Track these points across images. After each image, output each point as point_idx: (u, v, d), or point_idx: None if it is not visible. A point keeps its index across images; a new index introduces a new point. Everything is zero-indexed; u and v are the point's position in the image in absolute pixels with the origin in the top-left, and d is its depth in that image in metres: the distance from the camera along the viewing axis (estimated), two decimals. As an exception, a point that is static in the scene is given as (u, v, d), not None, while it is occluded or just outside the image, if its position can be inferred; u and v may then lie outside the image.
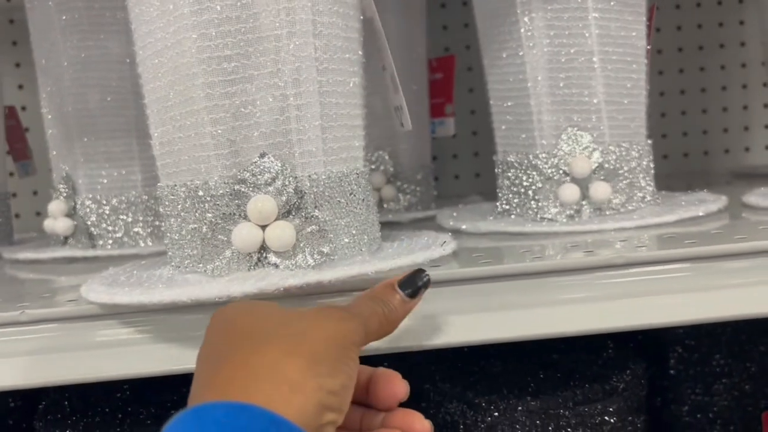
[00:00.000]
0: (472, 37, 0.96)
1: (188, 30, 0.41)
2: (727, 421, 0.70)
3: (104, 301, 0.40)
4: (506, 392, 0.49)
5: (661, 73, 1.03)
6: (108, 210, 0.66)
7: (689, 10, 1.02)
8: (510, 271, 0.42)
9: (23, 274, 0.62)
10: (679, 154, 1.06)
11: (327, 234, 0.42)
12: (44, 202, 0.69)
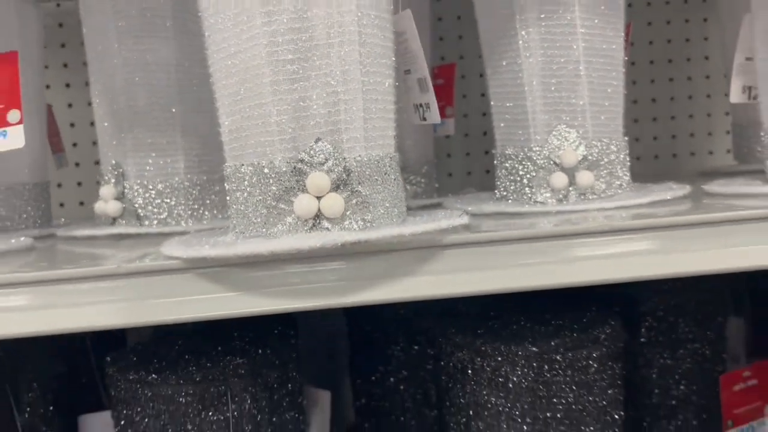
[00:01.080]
0: (466, 48, 1.07)
1: (259, 38, 0.50)
2: (690, 382, 0.81)
3: (192, 256, 0.50)
4: (508, 341, 0.59)
5: (635, 83, 1.15)
6: (154, 194, 0.75)
7: (660, 26, 1.14)
8: (511, 236, 0.52)
9: (83, 248, 0.70)
10: (650, 156, 1.18)
11: (368, 205, 0.51)
12: (71, 193, 0.77)
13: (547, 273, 0.51)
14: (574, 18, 0.65)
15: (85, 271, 0.51)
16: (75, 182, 1.09)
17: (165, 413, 0.58)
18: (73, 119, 1.03)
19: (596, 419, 0.59)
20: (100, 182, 0.78)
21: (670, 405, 0.81)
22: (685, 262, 0.52)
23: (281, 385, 0.62)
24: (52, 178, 0.92)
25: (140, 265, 0.51)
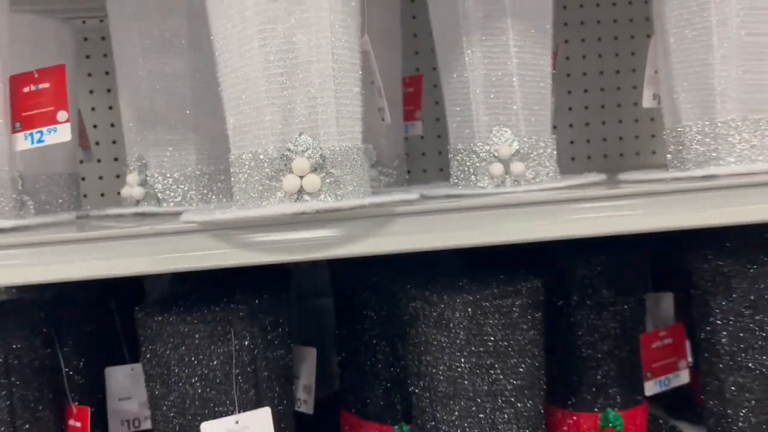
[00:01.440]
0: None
1: (257, 57, 0.67)
2: (614, 340, 0.97)
3: (204, 220, 0.66)
4: (450, 292, 0.75)
5: (586, 91, 1.32)
6: (171, 181, 0.92)
7: (592, 43, 1.30)
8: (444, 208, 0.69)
9: (114, 222, 0.86)
10: (600, 155, 1.35)
11: (339, 183, 0.68)
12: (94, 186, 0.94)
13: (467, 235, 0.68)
14: (508, 40, 0.82)
15: (124, 232, 0.67)
16: (96, 176, 1.25)
17: (182, 346, 0.74)
18: (96, 121, 1.19)
19: (519, 354, 0.75)
20: (126, 172, 0.94)
21: (597, 358, 0.97)
22: (563, 229, 0.69)
23: (273, 327, 0.78)
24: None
25: (166, 227, 0.67)
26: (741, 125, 0.77)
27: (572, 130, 1.31)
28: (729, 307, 0.79)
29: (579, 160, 1.32)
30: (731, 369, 0.80)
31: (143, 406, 1.01)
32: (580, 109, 1.31)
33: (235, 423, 0.75)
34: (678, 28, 0.81)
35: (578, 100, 1.31)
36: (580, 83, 1.31)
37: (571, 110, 1.31)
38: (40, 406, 0.82)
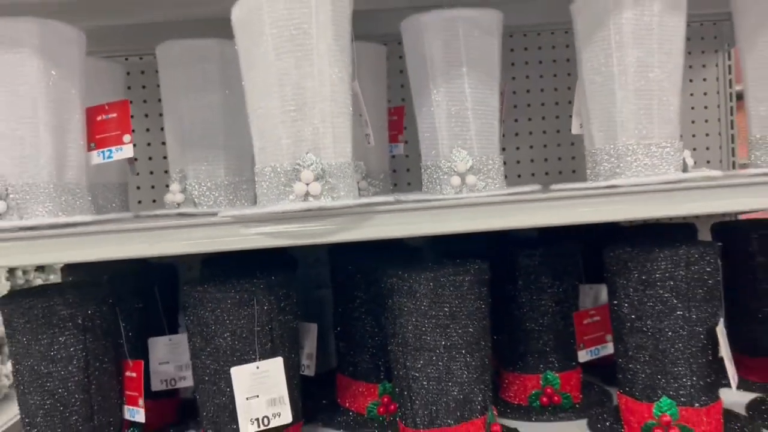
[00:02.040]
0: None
1: (275, 97, 0.93)
2: (552, 316, 1.22)
3: (237, 214, 0.92)
4: (418, 271, 1.01)
5: (530, 120, 1.57)
6: (205, 189, 1.18)
7: (535, 79, 1.55)
8: (422, 206, 0.95)
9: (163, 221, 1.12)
10: (542, 173, 1.59)
11: (335, 189, 0.94)
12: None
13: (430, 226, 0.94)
14: (463, 83, 1.08)
15: (178, 222, 0.93)
16: (135, 186, 1.51)
17: (217, 309, 0.99)
18: (150, 140, 1.46)
19: (468, 318, 1.01)
20: (168, 182, 1.20)
21: (538, 331, 1.22)
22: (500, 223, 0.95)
23: (285, 298, 1.04)
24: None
25: (210, 219, 0.93)
26: (636, 149, 1.03)
27: (519, 152, 1.58)
28: (627, 284, 1.05)
29: (524, 177, 1.57)
30: (631, 332, 1.05)
31: (178, 369, 1.26)
32: (525, 135, 1.57)
33: (256, 368, 1.01)
34: (590, 75, 1.07)
35: (524, 126, 1.57)
36: (525, 113, 1.57)
37: (517, 135, 1.57)
38: (105, 359, 1.07)
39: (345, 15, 0.97)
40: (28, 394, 1.03)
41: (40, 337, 1.01)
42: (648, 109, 1.03)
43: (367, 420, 1.23)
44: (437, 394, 1.01)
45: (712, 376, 1.03)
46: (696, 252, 1.00)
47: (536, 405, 1.23)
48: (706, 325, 1.02)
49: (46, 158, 0.99)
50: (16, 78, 0.98)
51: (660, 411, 1.03)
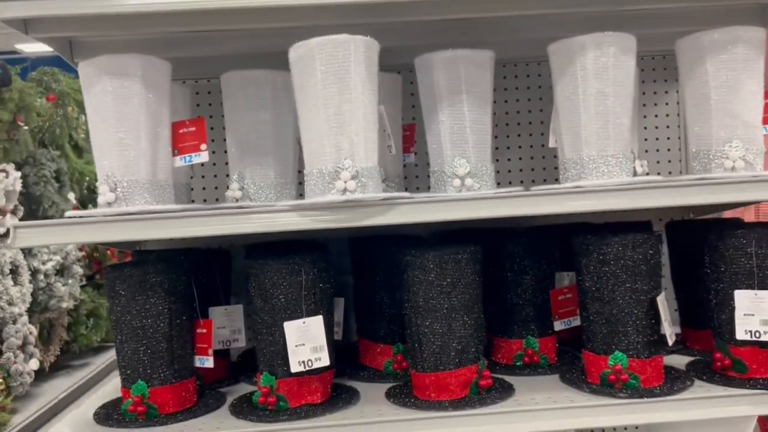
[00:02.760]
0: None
1: (321, 117, 1.24)
2: (532, 293, 1.53)
3: (294, 203, 1.23)
4: (426, 250, 1.32)
5: (519, 135, 1.88)
6: (258, 188, 1.48)
7: (513, 103, 1.87)
8: (431, 199, 1.26)
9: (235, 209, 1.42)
10: (529, 180, 1.90)
11: (366, 187, 1.25)
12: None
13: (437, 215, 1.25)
14: (463, 106, 1.39)
15: (250, 209, 1.24)
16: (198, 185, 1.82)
17: (274, 277, 1.30)
18: (214, 148, 1.78)
19: (465, 287, 1.31)
20: (228, 182, 1.51)
21: (521, 304, 1.53)
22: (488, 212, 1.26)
23: (323, 270, 1.34)
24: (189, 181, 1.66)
25: (269, 205, 1.24)
26: (596, 158, 1.34)
27: (510, 162, 1.89)
28: (588, 263, 1.35)
29: (514, 182, 1.87)
30: (591, 301, 1.36)
31: (233, 333, 1.57)
32: (515, 148, 1.88)
33: (302, 323, 1.31)
34: (562, 101, 1.39)
35: (513, 141, 1.88)
36: (516, 130, 1.88)
37: (509, 149, 1.88)
38: (183, 317, 1.38)
39: (374, 54, 1.29)
40: (125, 343, 1.34)
41: (137, 298, 1.32)
42: (605, 129, 1.34)
43: (384, 374, 1.53)
44: (441, 345, 1.32)
45: (654, 335, 1.34)
46: (640, 238, 1.31)
47: (520, 364, 1.53)
48: (649, 295, 1.32)
49: (145, 162, 1.30)
50: (124, 100, 1.29)
51: (614, 362, 1.33)
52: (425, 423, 1.27)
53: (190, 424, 1.30)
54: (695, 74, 1.41)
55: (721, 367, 1.37)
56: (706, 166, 1.39)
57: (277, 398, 1.32)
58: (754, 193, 1.29)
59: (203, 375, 1.50)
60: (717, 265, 1.37)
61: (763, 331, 1.31)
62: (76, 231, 1.22)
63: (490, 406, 1.29)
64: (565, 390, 1.37)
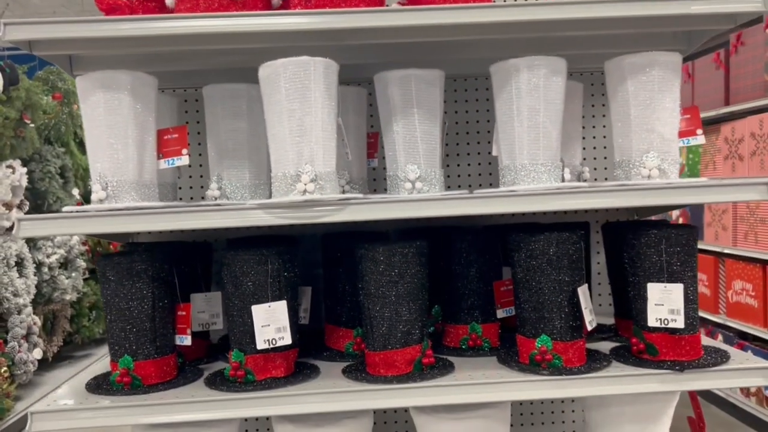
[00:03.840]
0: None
1: (285, 125, 1.44)
2: (477, 283, 1.71)
3: (257, 203, 1.42)
4: (377, 245, 1.51)
5: (468, 143, 2.07)
6: (234, 187, 1.68)
7: (462, 115, 2.06)
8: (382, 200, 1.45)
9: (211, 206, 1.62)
10: (476, 184, 2.09)
11: (323, 189, 1.44)
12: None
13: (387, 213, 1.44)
14: (414, 120, 1.58)
15: (223, 206, 1.43)
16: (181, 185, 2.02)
17: (244, 266, 1.49)
18: (199, 151, 1.97)
19: (411, 277, 1.50)
20: (210, 182, 1.71)
21: (467, 294, 1.72)
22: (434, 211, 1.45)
23: (288, 261, 1.53)
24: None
25: (242, 204, 1.44)
26: (528, 166, 1.53)
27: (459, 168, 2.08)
28: (519, 257, 1.54)
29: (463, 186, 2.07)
30: (522, 290, 1.55)
31: (211, 317, 1.76)
32: (463, 155, 2.07)
33: (268, 307, 1.50)
34: (501, 115, 1.57)
35: (462, 149, 2.07)
36: (465, 138, 2.07)
37: (458, 155, 2.07)
38: (165, 301, 1.57)
39: (333, 73, 1.48)
40: (113, 322, 1.53)
41: (124, 283, 1.52)
42: (536, 141, 1.53)
43: (345, 355, 1.72)
44: (388, 328, 1.51)
45: (576, 321, 1.52)
46: (563, 236, 1.50)
47: (465, 347, 1.72)
48: (572, 286, 1.51)
49: (132, 164, 1.50)
50: (114, 111, 1.48)
51: (540, 344, 1.52)
52: (373, 394, 1.46)
53: (169, 393, 1.50)
54: (619, 92, 1.60)
55: (637, 350, 1.56)
56: (627, 173, 1.58)
57: (246, 372, 1.52)
58: (665, 198, 1.48)
59: (185, 354, 1.70)
60: (634, 261, 1.56)
61: (671, 318, 1.50)
62: (71, 224, 1.42)
63: (430, 380, 1.48)
64: (499, 368, 1.56)
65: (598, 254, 2.08)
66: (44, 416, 1.42)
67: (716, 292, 4.25)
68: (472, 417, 1.57)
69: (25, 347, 4.86)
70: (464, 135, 2.08)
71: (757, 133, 3.77)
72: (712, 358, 1.53)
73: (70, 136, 5.76)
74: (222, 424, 1.56)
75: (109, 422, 1.43)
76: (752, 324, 3.84)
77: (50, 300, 5.37)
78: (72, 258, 5.60)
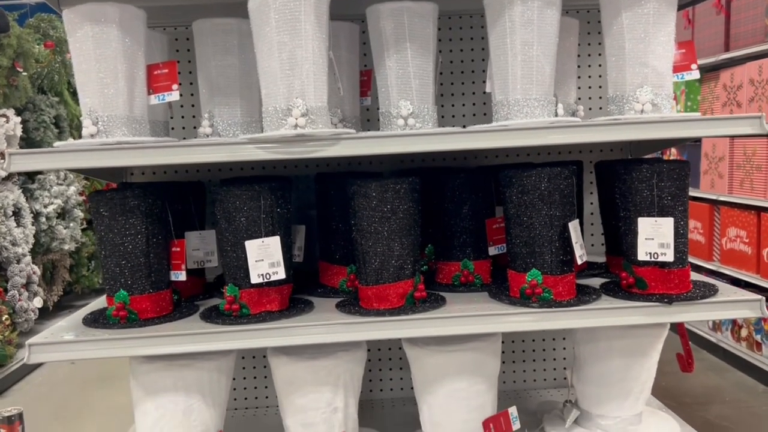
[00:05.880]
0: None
1: (275, 59, 1.42)
2: (469, 221, 1.72)
3: (250, 137, 1.42)
4: (370, 182, 1.51)
5: (463, 83, 2.05)
6: (226, 125, 1.67)
7: (457, 53, 2.04)
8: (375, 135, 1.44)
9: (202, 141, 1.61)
10: (470, 122, 2.08)
11: (315, 123, 1.43)
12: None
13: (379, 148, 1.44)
14: (407, 53, 1.56)
15: (214, 141, 1.43)
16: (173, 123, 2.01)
17: (237, 202, 1.50)
18: (192, 91, 1.96)
19: (403, 213, 1.51)
20: (202, 119, 1.70)
21: (460, 231, 1.73)
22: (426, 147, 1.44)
23: (281, 197, 1.54)
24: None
25: (233, 140, 1.43)
26: (522, 101, 1.52)
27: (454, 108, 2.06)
28: (511, 193, 1.54)
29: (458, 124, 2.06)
30: (514, 225, 1.56)
31: (206, 254, 1.78)
32: (458, 94, 2.06)
33: (261, 242, 1.51)
34: (494, 50, 1.55)
35: (457, 89, 2.06)
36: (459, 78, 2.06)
37: (453, 95, 2.06)
38: (159, 237, 1.58)
39: (324, 4, 1.45)
40: (108, 258, 1.54)
41: (118, 218, 1.52)
42: (529, 75, 1.52)
43: (339, 291, 1.74)
44: (381, 262, 1.52)
45: (567, 256, 1.54)
46: (554, 171, 1.50)
47: (457, 283, 1.74)
48: (562, 221, 1.52)
49: (122, 99, 1.49)
50: (102, 44, 1.46)
51: (531, 278, 1.54)
52: (366, 326, 1.49)
53: (165, 326, 1.52)
54: (613, 25, 1.57)
55: (626, 284, 1.58)
56: (621, 108, 1.57)
57: (241, 306, 1.54)
58: (658, 132, 1.48)
59: (181, 291, 1.71)
60: (625, 196, 1.56)
61: (661, 252, 1.51)
62: (62, 158, 1.42)
63: (422, 313, 1.50)
64: (489, 302, 1.58)
65: (591, 195, 2.09)
66: (42, 348, 1.44)
67: (710, 239, 4.28)
68: (463, 350, 1.60)
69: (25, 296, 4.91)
70: (459, 74, 2.06)
71: (756, 79, 3.74)
72: (700, 291, 1.56)
73: (64, 85, 5.70)
74: (218, 357, 1.59)
75: (106, 354, 1.46)
76: (745, 270, 3.88)
77: (49, 250, 5.40)
78: (69, 208, 5.61)
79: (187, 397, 1.56)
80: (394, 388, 2.16)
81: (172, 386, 1.55)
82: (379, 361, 2.15)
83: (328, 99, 1.50)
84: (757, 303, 1.51)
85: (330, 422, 1.61)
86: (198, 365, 1.57)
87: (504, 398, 1.87)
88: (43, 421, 3.61)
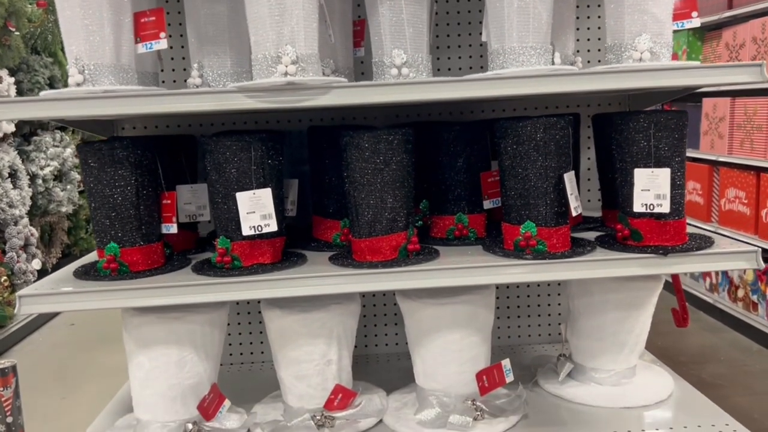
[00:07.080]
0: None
1: (265, 6, 1.38)
2: (465, 174, 1.70)
3: (238, 85, 1.39)
4: (363, 133, 1.48)
5: (459, 35, 2.01)
6: (216, 75, 1.64)
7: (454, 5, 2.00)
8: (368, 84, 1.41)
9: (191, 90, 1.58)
10: (465, 72, 2.05)
11: (305, 71, 1.40)
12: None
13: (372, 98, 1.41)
14: (401, 1, 1.53)
15: (203, 90, 1.40)
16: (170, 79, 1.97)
17: (226, 153, 1.47)
18: (182, 43, 1.91)
19: (396, 165, 1.48)
20: (192, 69, 1.66)
21: (455, 185, 1.71)
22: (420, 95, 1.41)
23: (273, 149, 1.51)
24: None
25: (222, 88, 1.40)
26: (518, 49, 1.49)
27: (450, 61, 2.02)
28: (506, 144, 1.52)
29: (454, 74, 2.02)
30: (509, 177, 1.54)
31: (198, 208, 1.76)
32: (454, 46, 2.02)
33: (252, 194, 1.49)
34: None
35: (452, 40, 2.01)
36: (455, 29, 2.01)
37: (449, 47, 2.02)
38: (149, 189, 1.56)
39: (315, -51, 1.41)
40: (97, 210, 1.52)
41: (106, 169, 1.50)
42: (525, 23, 1.48)
43: (332, 245, 1.73)
44: (374, 214, 1.51)
45: (561, 207, 1.52)
46: (549, 121, 1.47)
47: (452, 237, 1.72)
48: (558, 172, 1.50)
49: (108, 46, 1.45)
50: (87, -11, 1.42)
51: (525, 230, 1.52)
52: (359, 278, 1.48)
53: (157, 278, 1.51)
54: (612, -28, 1.53)
55: (621, 237, 1.56)
56: (619, 57, 1.54)
57: (233, 258, 1.52)
58: (656, 80, 1.44)
59: (173, 245, 1.70)
60: (622, 147, 1.54)
61: (657, 203, 1.49)
62: (48, 106, 1.39)
63: (415, 265, 1.49)
64: (483, 255, 1.57)
65: (589, 150, 2.06)
66: (32, 299, 1.43)
67: (709, 200, 4.26)
68: (457, 302, 1.59)
69: (23, 257, 4.91)
70: (455, 26, 2.02)
71: (759, 37, 3.68)
72: (696, 243, 1.54)
73: (58, 45, 5.62)
74: (210, 310, 1.59)
75: (96, 305, 1.45)
76: (743, 231, 3.87)
77: (46, 212, 5.39)
78: (66, 170, 5.58)
79: (180, 349, 1.56)
80: (389, 343, 2.16)
81: (164, 339, 1.55)
82: (374, 317, 2.15)
83: (320, 48, 1.46)
84: (753, 254, 1.49)
85: (324, 374, 1.61)
86: (190, 318, 1.56)
87: (498, 353, 1.87)
88: (42, 380, 3.64)
